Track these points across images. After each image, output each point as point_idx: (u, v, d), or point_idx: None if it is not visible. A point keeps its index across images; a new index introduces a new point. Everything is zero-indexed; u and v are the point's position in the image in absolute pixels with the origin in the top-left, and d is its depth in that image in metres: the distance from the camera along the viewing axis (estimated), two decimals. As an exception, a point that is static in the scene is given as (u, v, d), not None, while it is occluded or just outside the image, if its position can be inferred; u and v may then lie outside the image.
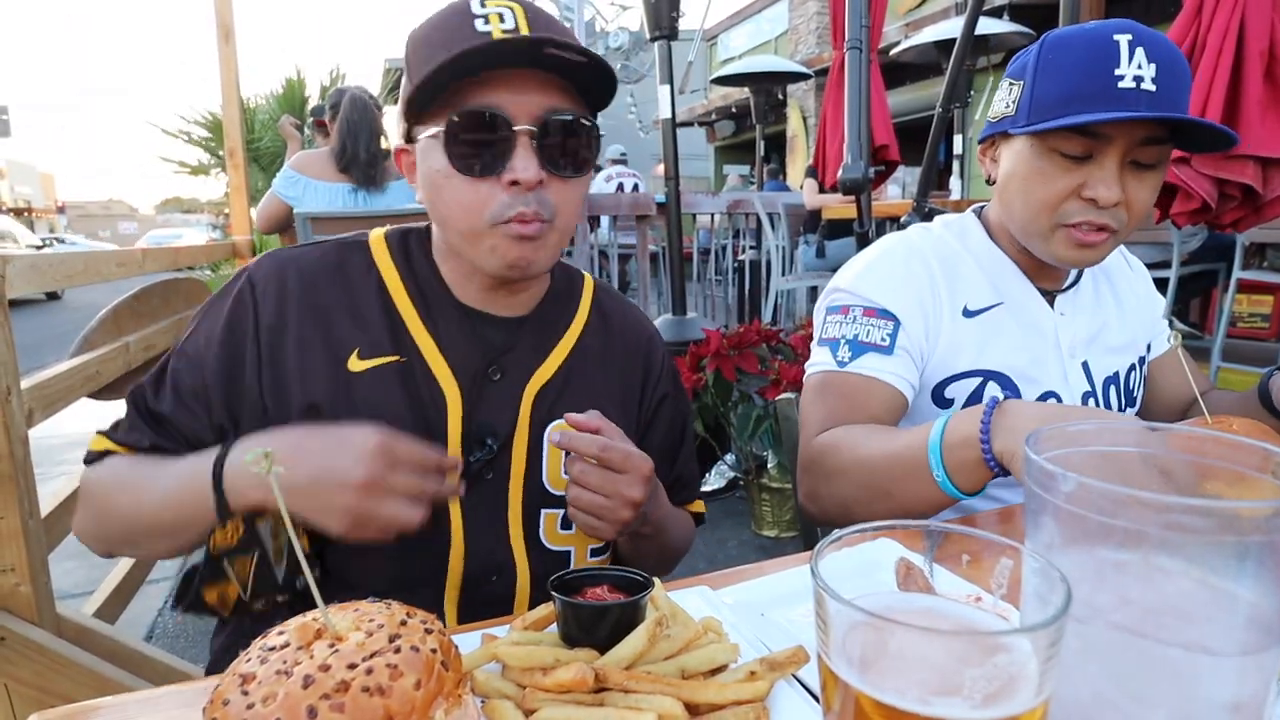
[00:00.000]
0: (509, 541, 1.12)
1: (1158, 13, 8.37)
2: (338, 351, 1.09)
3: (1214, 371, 4.15)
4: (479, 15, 0.99)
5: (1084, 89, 1.20)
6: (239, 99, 4.91)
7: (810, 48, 16.02)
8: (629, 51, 9.93)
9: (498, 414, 1.12)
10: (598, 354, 1.24)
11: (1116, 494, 0.50)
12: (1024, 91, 1.28)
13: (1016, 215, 1.34)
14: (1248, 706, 0.51)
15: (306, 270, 1.13)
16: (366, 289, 1.13)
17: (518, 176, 0.99)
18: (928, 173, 4.07)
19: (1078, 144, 1.23)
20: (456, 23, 1.00)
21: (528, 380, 1.15)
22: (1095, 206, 1.25)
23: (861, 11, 3.39)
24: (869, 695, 0.46)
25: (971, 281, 1.42)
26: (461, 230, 1.05)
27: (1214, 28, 2.71)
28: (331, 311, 1.11)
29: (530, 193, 1.01)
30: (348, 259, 1.15)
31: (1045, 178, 1.27)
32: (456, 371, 1.11)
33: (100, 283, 2.53)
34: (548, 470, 1.15)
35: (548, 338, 1.20)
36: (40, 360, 2.72)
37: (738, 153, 23.20)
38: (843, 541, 0.54)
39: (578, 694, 0.68)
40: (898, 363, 1.34)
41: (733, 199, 6.78)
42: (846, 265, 1.48)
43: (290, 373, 1.07)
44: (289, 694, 0.52)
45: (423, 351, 1.11)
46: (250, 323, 1.09)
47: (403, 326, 1.11)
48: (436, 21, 1.04)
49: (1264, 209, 2.76)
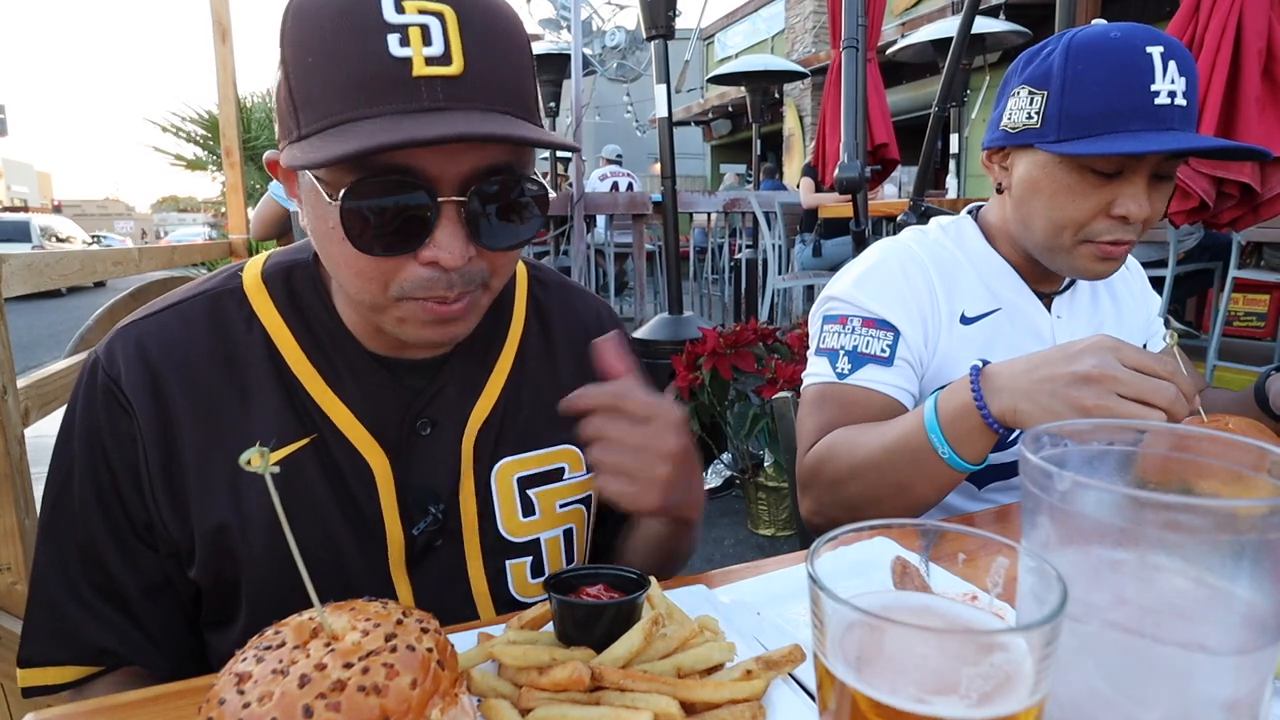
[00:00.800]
0: (474, 608, 1.00)
1: (1154, 11, 8.38)
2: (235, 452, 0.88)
3: (1210, 370, 4.16)
4: (393, 27, 0.73)
5: (1120, 105, 1.17)
6: (236, 98, 4.90)
7: (807, 47, 16.02)
8: (625, 50, 9.91)
9: (436, 472, 0.97)
10: (541, 362, 1.08)
11: (1113, 492, 0.50)
12: (1050, 103, 1.23)
13: (1038, 230, 1.31)
14: (1244, 705, 0.51)
15: (173, 345, 0.91)
16: (252, 355, 0.93)
17: (439, 258, 0.79)
18: (924, 172, 4.08)
19: (1113, 162, 1.21)
20: (360, 29, 0.73)
21: (464, 425, 0.99)
22: (1124, 223, 1.23)
23: (858, 10, 3.39)
24: (865, 694, 0.46)
25: (968, 288, 1.40)
26: (358, 298, 0.85)
27: (1211, 26, 2.72)
28: (217, 398, 0.91)
29: (454, 271, 0.81)
30: (222, 316, 0.94)
31: (1076, 195, 1.24)
32: (378, 435, 0.94)
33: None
34: (502, 517, 1.01)
35: (480, 367, 1.02)
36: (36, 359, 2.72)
37: (734, 152, 23.20)
38: (839, 540, 0.54)
39: (574, 693, 0.68)
40: (898, 374, 1.33)
41: (729, 198, 6.79)
42: (842, 272, 1.46)
43: (190, 489, 0.90)
44: (285, 693, 0.52)
45: (335, 421, 0.93)
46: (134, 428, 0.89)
47: (305, 395, 0.92)
48: (331, 14, 0.74)
49: (1261, 208, 2.77)
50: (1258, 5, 2.66)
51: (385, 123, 0.72)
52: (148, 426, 0.89)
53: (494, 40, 0.77)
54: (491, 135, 0.72)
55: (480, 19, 0.76)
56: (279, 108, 0.81)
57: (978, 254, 1.43)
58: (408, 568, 0.96)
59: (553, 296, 1.13)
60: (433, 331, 0.86)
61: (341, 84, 0.74)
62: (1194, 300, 5.83)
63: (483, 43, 0.76)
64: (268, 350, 0.93)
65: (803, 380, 1.43)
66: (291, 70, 0.77)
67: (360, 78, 0.73)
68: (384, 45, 0.72)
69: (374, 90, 0.73)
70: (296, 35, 0.76)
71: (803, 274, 6.22)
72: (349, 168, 0.75)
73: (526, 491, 1.03)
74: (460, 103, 0.75)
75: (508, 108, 0.78)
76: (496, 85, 0.77)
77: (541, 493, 1.04)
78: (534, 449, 1.04)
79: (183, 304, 0.95)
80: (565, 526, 1.06)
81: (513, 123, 0.77)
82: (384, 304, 0.84)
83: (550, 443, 1.05)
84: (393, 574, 0.96)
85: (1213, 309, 4.83)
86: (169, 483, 0.90)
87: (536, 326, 1.09)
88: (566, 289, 1.16)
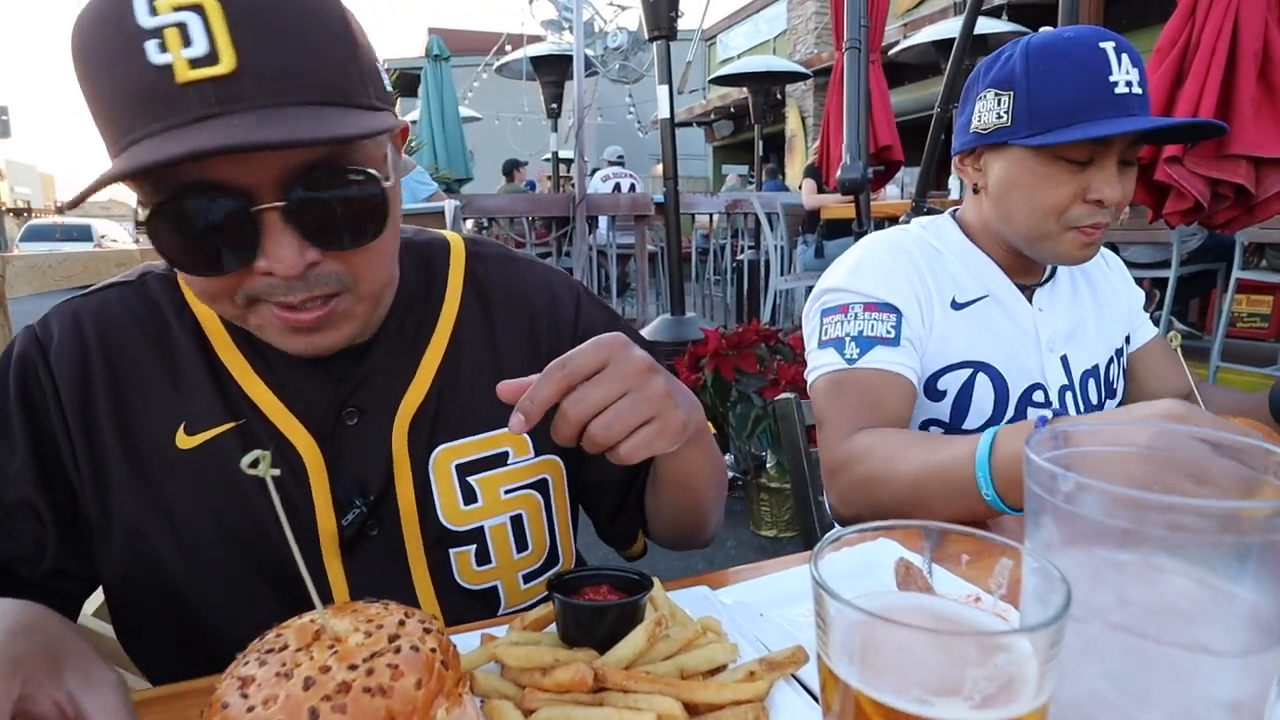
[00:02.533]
0: (415, 597, 0.97)
1: (1155, 12, 8.38)
2: (160, 427, 0.89)
3: (1213, 371, 4.16)
4: (148, 33, 0.65)
5: (1085, 97, 1.25)
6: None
7: (809, 48, 16.03)
8: (627, 51, 9.92)
9: (365, 462, 0.94)
10: (482, 338, 1.02)
11: (1116, 494, 0.50)
12: (1018, 102, 1.30)
13: (1020, 222, 1.37)
14: (1247, 707, 0.51)
15: (108, 322, 0.91)
16: (184, 340, 0.91)
17: (272, 269, 0.74)
18: (926, 173, 4.08)
19: (1084, 150, 1.28)
20: (117, 43, 0.66)
21: (394, 413, 0.96)
22: (1100, 207, 1.29)
23: (861, 12, 3.39)
24: (868, 695, 0.46)
25: (956, 275, 1.44)
26: (216, 310, 0.83)
27: (1207, 28, 2.72)
28: (146, 374, 0.90)
29: (297, 280, 0.76)
30: (156, 301, 0.93)
31: (1053, 183, 1.31)
32: (306, 422, 0.92)
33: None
34: (442, 506, 0.97)
35: (409, 352, 0.98)
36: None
37: (736, 153, 23.20)
38: (842, 541, 0.54)
39: (577, 694, 0.68)
40: (904, 353, 1.34)
41: (731, 199, 6.79)
42: (832, 268, 1.48)
43: (111, 470, 0.88)
44: (290, 696, 0.52)
45: (262, 408, 0.91)
46: (48, 397, 0.88)
47: (232, 382, 0.91)
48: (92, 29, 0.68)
49: (1256, 209, 2.77)
50: (1254, 7, 2.66)
51: (158, 141, 0.66)
52: (68, 395, 0.88)
53: (274, 24, 0.69)
54: (262, 143, 0.65)
55: (252, 4, 0.68)
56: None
57: (959, 248, 1.47)
58: (342, 556, 0.94)
59: (493, 270, 1.06)
60: (294, 341, 0.82)
61: (111, 106, 0.69)
62: (1197, 301, 5.82)
63: (258, 31, 0.68)
64: (197, 336, 0.92)
65: (806, 378, 1.43)
66: (81, 88, 0.72)
67: (125, 96, 0.68)
68: (142, 55, 0.66)
69: (142, 107, 0.67)
70: (73, 57, 0.71)
71: (805, 275, 6.22)
72: (152, 191, 0.70)
73: (466, 479, 0.99)
74: (238, 103, 0.67)
75: (305, 97, 0.70)
76: (283, 75, 0.69)
77: (483, 479, 1.00)
78: (473, 434, 1.00)
79: (124, 285, 0.95)
80: (513, 513, 1.01)
81: (307, 115, 0.69)
82: (239, 313, 0.80)
83: (491, 426, 1.00)
84: (326, 562, 0.93)
85: (1216, 310, 4.83)
86: (91, 452, 0.88)
87: (475, 304, 1.03)
88: (509, 260, 1.09)
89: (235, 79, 0.67)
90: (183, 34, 0.65)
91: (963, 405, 1.41)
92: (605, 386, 0.75)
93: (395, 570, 0.96)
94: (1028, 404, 1.42)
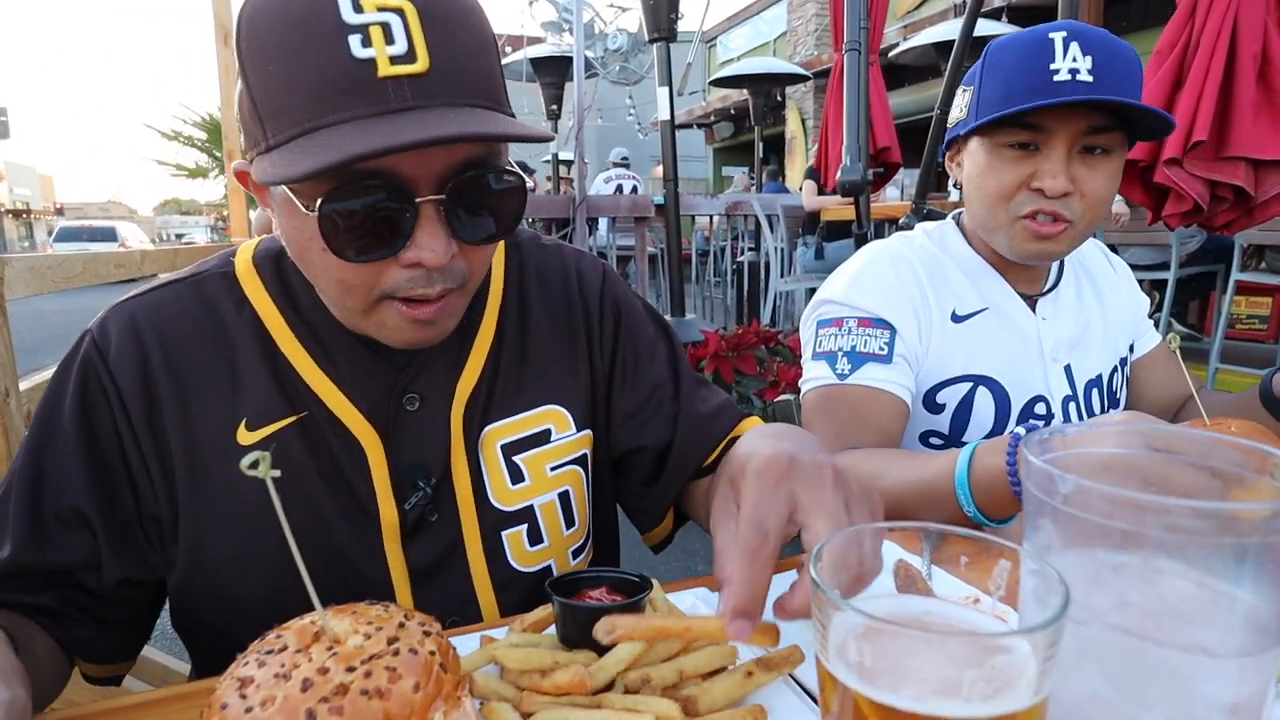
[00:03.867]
0: (471, 582, 1.00)
1: (1155, 14, 8.39)
2: (222, 425, 0.91)
3: (1212, 373, 4.16)
4: (354, 28, 0.70)
5: (1021, 85, 1.26)
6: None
7: (809, 49, 16.05)
8: (628, 53, 9.93)
9: (426, 447, 0.97)
10: (520, 322, 1.06)
11: (1115, 496, 0.50)
12: (973, 95, 1.35)
13: (977, 212, 1.39)
14: (1246, 708, 0.51)
15: (165, 323, 0.92)
16: (243, 336, 0.94)
17: (421, 258, 0.78)
18: (926, 175, 4.08)
19: (1020, 135, 1.29)
20: (320, 33, 0.71)
21: (451, 396, 0.99)
22: (1044, 196, 1.28)
23: (860, 13, 3.39)
24: (868, 697, 0.46)
25: (957, 287, 1.43)
26: (339, 305, 0.86)
27: (1207, 30, 2.72)
28: (205, 374, 0.92)
29: (436, 271, 0.81)
30: (214, 298, 0.95)
31: (995, 171, 1.33)
32: (367, 412, 0.95)
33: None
34: (492, 486, 1.00)
35: (462, 338, 1.01)
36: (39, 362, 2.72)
37: (736, 154, 23.22)
38: (841, 543, 0.54)
39: (575, 696, 0.68)
40: (897, 371, 1.34)
41: (731, 201, 6.79)
42: (832, 277, 1.48)
43: (175, 464, 0.90)
44: (288, 697, 0.52)
45: (324, 400, 0.94)
46: (111, 404, 0.90)
47: (295, 376, 0.94)
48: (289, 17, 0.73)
49: (1255, 211, 2.77)
50: (1253, 10, 2.66)
51: (355, 128, 0.71)
52: (131, 400, 0.90)
53: (458, 32, 0.75)
54: (466, 135, 0.71)
55: (442, 12, 0.74)
56: (243, 119, 0.80)
57: (961, 256, 1.46)
58: (402, 542, 0.96)
59: (528, 257, 1.11)
60: (412, 334, 0.85)
61: (305, 91, 0.72)
62: (1196, 303, 5.83)
63: (446, 36, 0.74)
64: (258, 333, 0.94)
65: (801, 388, 1.43)
66: (252, 80, 0.76)
67: (324, 83, 0.72)
68: (345, 48, 0.70)
69: (340, 95, 0.72)
70: (254, 44, 0.75)
71: (805, 277, 6.22)
72: (322, 177, 0.73)
73: (512, 458, 1.02)
74: (429, 100, 0.73)
75: (477, 101, 0.77)
76: (464, 79, 0.76)
77: (529, 458, 1.02)
78: (516, 414, 1.03)
79: (178, 284, 0.96)
80: (560, 490, 1.04)
81: (484, 116, 0.76)
82: (365, 308, 0.83)
83: (531, 405, 1.04)
84: (386, 549, 0.96)
85: (1215, 312, 4.83)
86: (159, 453, 0.90)
87: (514, 289, 1.07)
88: (542, 249, 1.13)
89: (427, 78, 0.73)
90: (385, 32, 0.71)
91: (962, 418, 1.40)
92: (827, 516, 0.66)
93: (455, 554, 0.99)
94: (1030, 416, 1.41)
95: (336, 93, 0.71)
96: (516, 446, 1.02)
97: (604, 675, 0.69)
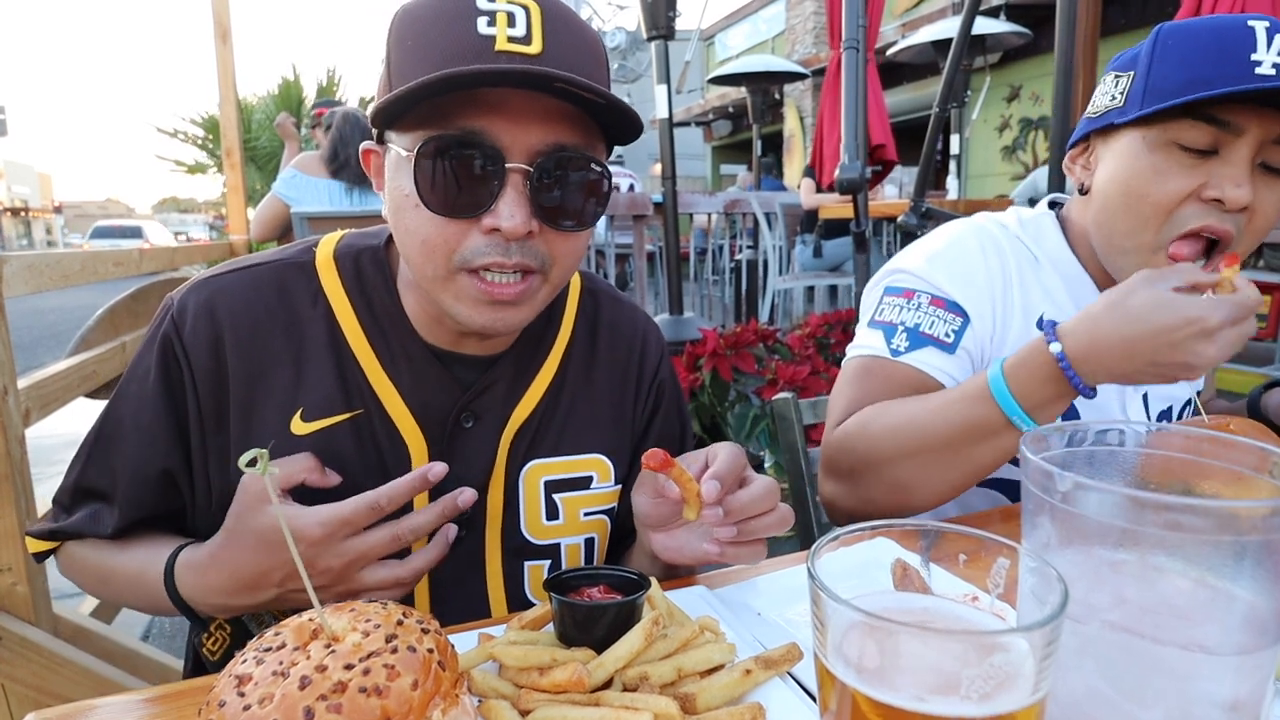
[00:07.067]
0: (487, 604, 1.01)
1: (1155, 12, 8.38)
2: (278, 412, 0.94)
3: (1211, 372, 4.15)
4: (484, 12, 0.80)
5: (1212, 73, 1.03)
6: (236, 99, 4.91)
7: (807, 47, 16.04)
8: (626, 51, 9.92)
9: (470, 464, 0.98)
10: (584, 368, 1.09)
11: (1114, 493, 0.50)
12: (1135, 81, 1.12)
13: (1119, 225, 1.16)
14: (1245, 705, 0.51)
15: (240, 306, 0.95)
16: (314, 328, 0.96)
17: (500, 224, 0.82)
18: (924, 172, 4.07)
19: (1203, 133, 1.07)
20: (454, 14, 0.81)
21: (505, 422, 1.01)
22: (1219, 209, 1.08)
23: (858, 11, 3.39)
24: (866, 694, 0.46)
25: (1051, 289, 1.27)
26: (421, 270, 0.89)
27: (1210, 28, 2.71)
28: (271, 360, 0.94)
29: (514, 242, 0.84)
30: (290, 287, 0.98)
31: (1161, 175, 1.10)
32: (422, 421, 0.97)
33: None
34: (526, 517, 1.02)
35: (528, 367, 1.04)
36: (37, 360, 2.71)
37: (735, 152, 23.21)
38: (839, 541, 0.54)
39: (573, 694, 0.68)
40: (957, 364, 1.20)
41: (729, 199, 6.79)
42: (912, 246, 1.32)
43: (233, 441, 0.94)
44: (286, 695, 0.52)
45: (383, 401, 0.96)
46: (185, 377, 0.93)
47: (359, 373, 0.96)
48: (433, 6, 0.83)
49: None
50: (1257, 9, 2.66)
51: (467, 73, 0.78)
52: (201, 376, 0.93)
53: (572, 36, 0.84)
54: (559, 75, 0.76)
55: (563, 17, 0.84)
56: (377, 97, 0.87)
57: (1060, 260, 1.29)
58: None
59: (603, 307, 1.14)
60: (487, 313, 0.87)
61: (432, 57, 0.80)
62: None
63: (563, 35, 0.82)
64: (329, 325, 0.96)
65: (847, 351, 1.30)
66: (392, 58, 0.84)
67: (449, 50, 0.80)
68: (473, 25, 0.80)
69: (458, 60, 0.79)
70: (399, 30, 0.84)
71: (803, 275, 6.22)
72: (428, 127, 0.81)
73: (552, 496, 1.04)
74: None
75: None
76: (573, 68, 0.81)
77: (568, 499, 1.05)
78: (566, 454, 1.05)
79: (258, 268, 0.99)
80: (588, 535, 1.06)
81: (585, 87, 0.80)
82: (445, 275, 0.86)
83: (582, 450, 1.06)
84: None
85: (1213, 310, 4.82)
86: (220, 427, 0.94)
87: (584, 334, 1.10)
88: (617, 302, 1.17)
89: (538, 59, 0.80)
90: (510, 19, 0.80)
91: None
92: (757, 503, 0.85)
93: (474, 573, 1.00)
94: (1100, 444, 1.30)
95: (456, 58, 0.79)
96: (560, 485, 1.04)
97: (602, 673, 0.69)
